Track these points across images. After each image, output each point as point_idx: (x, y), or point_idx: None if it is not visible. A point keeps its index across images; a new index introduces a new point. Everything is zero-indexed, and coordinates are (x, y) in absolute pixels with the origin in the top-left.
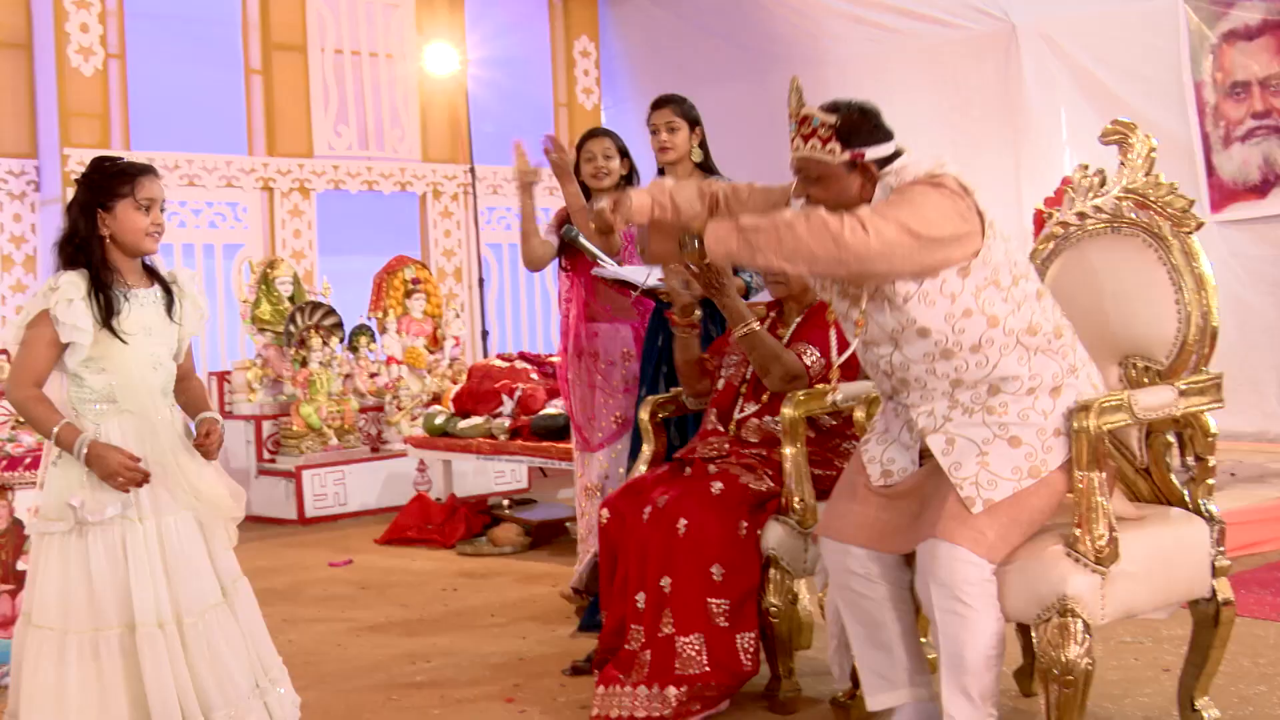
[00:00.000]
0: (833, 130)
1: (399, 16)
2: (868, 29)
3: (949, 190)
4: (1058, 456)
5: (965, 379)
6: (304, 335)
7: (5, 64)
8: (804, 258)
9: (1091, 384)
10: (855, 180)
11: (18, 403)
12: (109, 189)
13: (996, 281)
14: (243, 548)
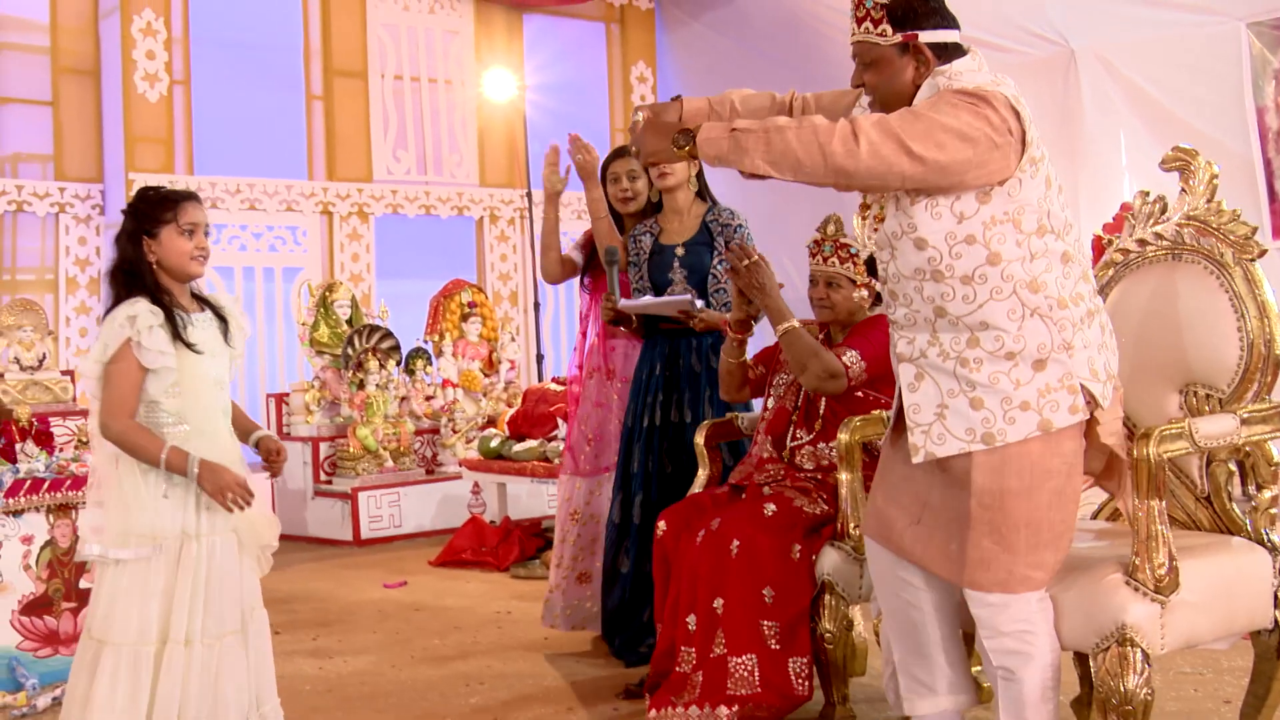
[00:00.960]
0: (884, 10)
1: (458, 43)
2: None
3: (988, 109)
4: (1019, 430)
5: (949, 311)
6: (361, 358)
7: (74, 90)
8: (790, 164)
9: (1091, 369)
10: (909, 65)
11: (118, 435)
12: (153, 216)
13: (1017, 221)
14: (298, 569)
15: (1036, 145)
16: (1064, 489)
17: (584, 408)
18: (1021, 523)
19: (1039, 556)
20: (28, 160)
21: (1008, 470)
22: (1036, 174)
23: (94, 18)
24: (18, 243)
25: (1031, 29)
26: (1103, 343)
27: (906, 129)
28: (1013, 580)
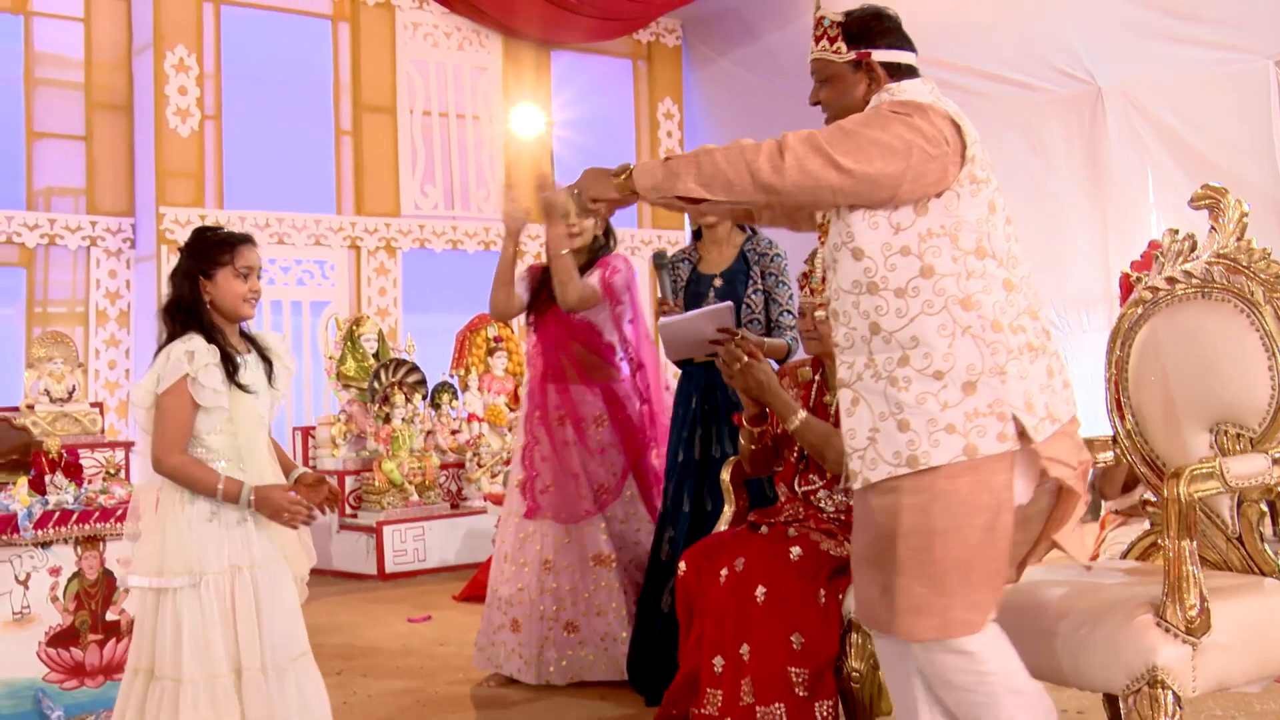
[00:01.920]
0: (840, 28)
1: (486, 79)
2: (950, 91)
3: (920, 119)
4: (944, 453)
5: (883, 326)
6: (387, 392)
7: (106, 125)
8: (721, 184)
9: (1026, 401)
10: (861, 82)
11: (172, 470)
12: (211, 257)
13: (954, 236)
14: (323, 602)
15: (980, 166)
16: (994, 525)
17: (542, 452)
18: (952, 564)
19: (975, 597)
20: (60, 194)
21: (935, 509)
22: (978, 194)
23: (127, 54)
24: (49, 276)
25: (1059, 66)
26: (1048, 384)
27: (834, 143)
28: (951, 625)
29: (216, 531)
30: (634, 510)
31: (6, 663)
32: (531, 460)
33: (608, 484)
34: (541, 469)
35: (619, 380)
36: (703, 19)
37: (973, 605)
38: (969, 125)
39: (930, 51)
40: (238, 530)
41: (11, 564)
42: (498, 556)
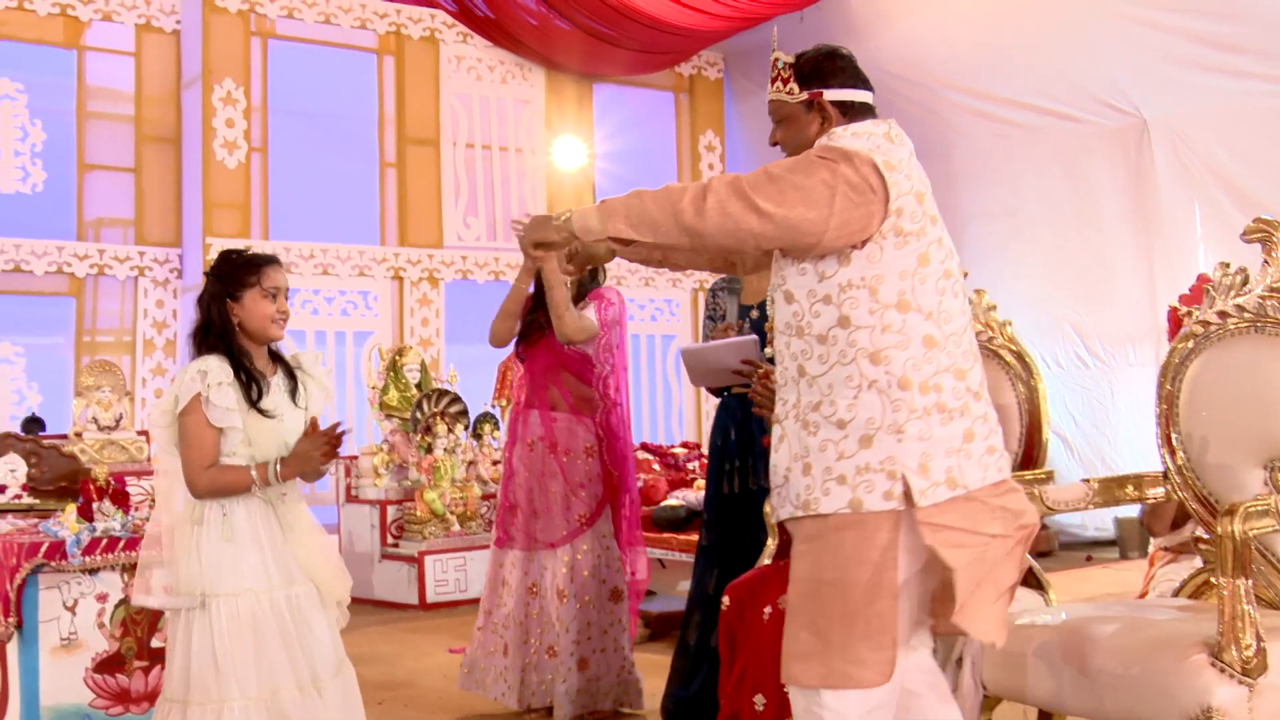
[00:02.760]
0: (792, 69)
1: (529, 112)
2: (995, 124)
3: (846, 166)
4: (831, 503)
5: (808, 370)
6: (430, 422)
7: (155, 157)
8: (648, 226)
9: (921, 464)
10: (814, 122)
11: (207, 488)
12: (237, 279)
13: (874, 289)
14: (364, 632)
15: (911, 219)
16: (878, 582)
17: (522, 479)
18: (837, 615)
19: (856, 652)
20: (110, 225)
21: (823, 560)
22: (904, 246)
23: (176, 87)
24: (98, 305)
25: (1104, 99)
26: (961, 448)
27: (757, 187)
28: (833, 676)
29: (231, 554)
30: (607, 545)
31: (54, 688)
32: (506, 489)
33: (584, 514)
34: (517, 498)
35: (607, 411)
36: (744, 52)
37: (854, 660)
38: (902, 176)
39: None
40: (254, 553)
41: (60, 590)
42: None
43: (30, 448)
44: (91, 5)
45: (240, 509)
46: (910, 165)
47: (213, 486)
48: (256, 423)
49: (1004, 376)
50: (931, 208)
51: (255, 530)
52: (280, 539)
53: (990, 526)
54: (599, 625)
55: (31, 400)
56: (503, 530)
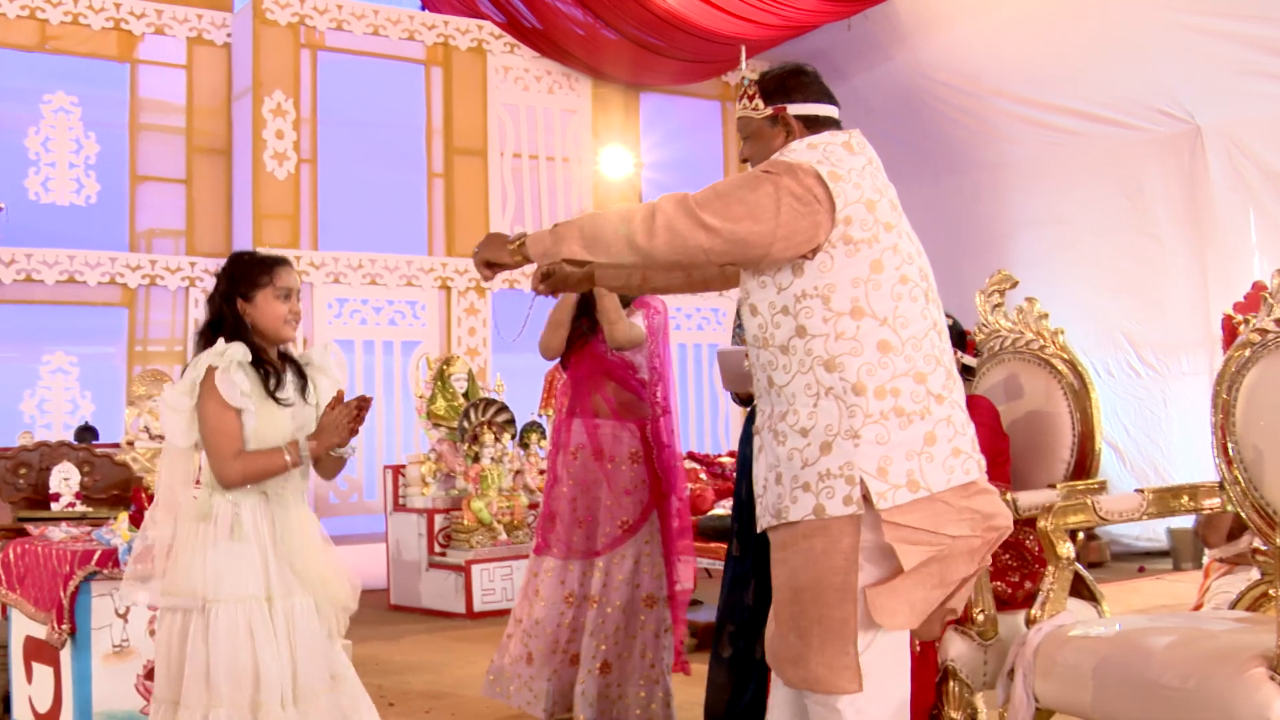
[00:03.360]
0: (757, 86)
1: (576, 122)
2: (1045, 132)
3: (789, 179)
4: (798, 511)
5: (775, 381)
6: (477, 431)
7: (207, 169)
8: (601, 247)
9: (879, 467)
10: (779, 135)
11: (238, 478)
12: (250, 279)
13: (826, 298)
14: (411, 640)
15: (861, 227)
16: (845, 585)
17: (565, 488)
18: (814, 619)
19: (829, 656)
20: (161, 236)
21: (797, 566)
22: (854, 254)
23: (227, 99)
24: (150, 315)
25: (1157, 106)
26: (922, 451)
27: (704, 204)
28: (810, 679)
29: (235, 557)
30: (647, 552)
31: (106, 695)
32: (548, 497)
33: (627, 521)
34: (559, 507)
35: (655, 418)
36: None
37: (828, 664)
38: (852, 185)
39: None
40: (256, 559)
41: (112, 597)
42: (520, 590)
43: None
44: (144, 19)
45: (247, 507)
46: (863, 174)
47: (245, 473)
48: (270, 413)
49: (1055, 386)
50: (885, 215)
51: (260, 535)
52: (296, 543)
53: (954, 528)
54: (625, 630)
55: (85, 410)
56: (541, 538)
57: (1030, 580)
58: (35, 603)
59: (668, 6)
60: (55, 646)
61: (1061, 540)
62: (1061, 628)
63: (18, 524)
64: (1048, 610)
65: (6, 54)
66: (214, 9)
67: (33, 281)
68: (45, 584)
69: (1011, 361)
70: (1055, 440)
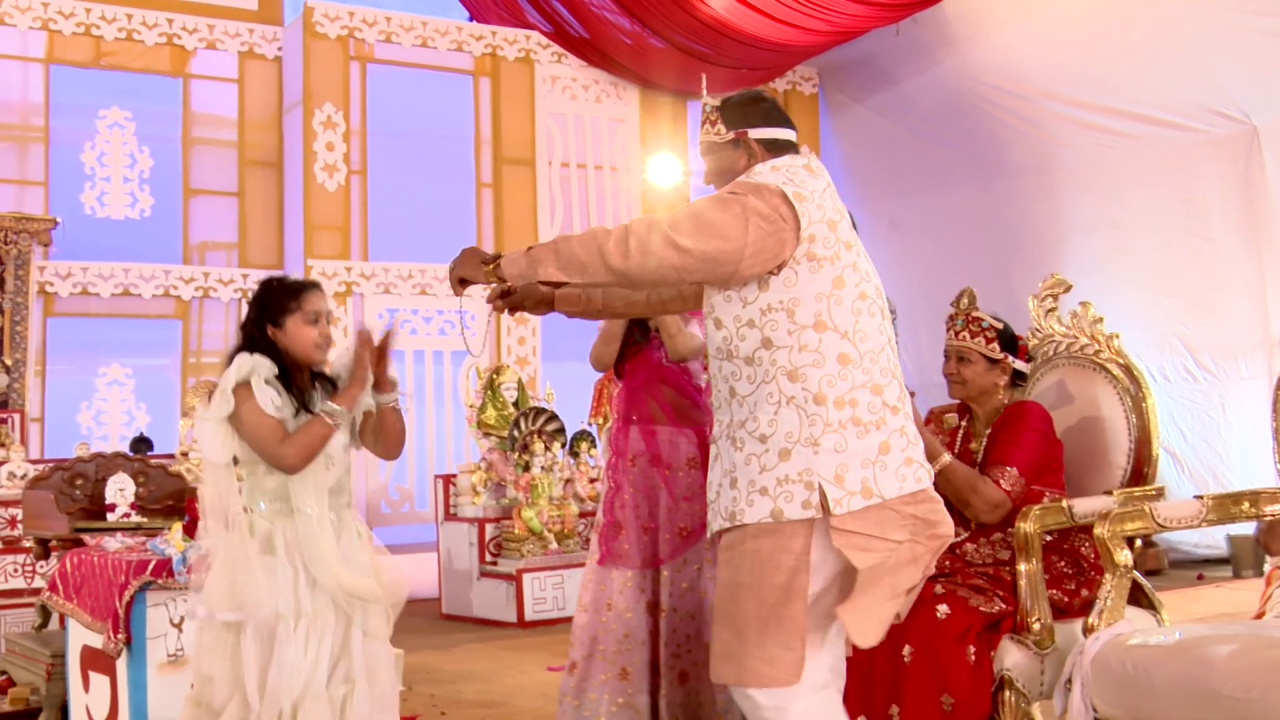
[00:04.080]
0: (719, 112)
1: (624, 130)
2: (1098, 134)
3: (755, 199)
4: (755, 513)
5: (738, 391)
6: (527, 440)
7: (258, 181)
8: (576, 268)
9: (837, 474)
10: (741, 159)
11: (296, 458)
12: (280, 305)
13: (791, 311)
14: (463, 649)
15: (824, 245)
16: (791, 585)
17: (628, 495)
18: (752, 616)
19: (768, 651)
20: (214, 248)
21: (740, 564)
22: (818, 270)
23: (278, 112)
24: (203, 327)
25: (1213, 107)
26: (877, 460)
27: (675, 225)
28: (745, 673)
29: (267, 571)
30: (709, 558)
31: (161, 704)
32: (610, 506)
33: (689, 528)
34: (620, 515)
35: (707, 423)
36: (839, 66)
37: (767, 659)
38: (815, 205)
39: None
40: (289, 576)
41: (166, 607)
42: (578, 605)
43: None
44: (196, 34)
45: (279, 527)
46: (824, 196)
47: (302, 451)
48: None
49: (1111, 391)
50: (846, 234)
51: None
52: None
53: (898, 533)
54: (697, 638)
55: (140, 420)
56: (606, 548)
57: (1086, 588)
58: (91, 612)
59: (715, 14)
60: (111, 656)
61: (1119, 547)
62: (1120, 636)
63: (74, 534)
64: (1105, 619)
65: (63, 71)
66: (265, 23)
67: (89, 295)
68: (101, 594)
69: (1065, 366)
70: (1111, 446)
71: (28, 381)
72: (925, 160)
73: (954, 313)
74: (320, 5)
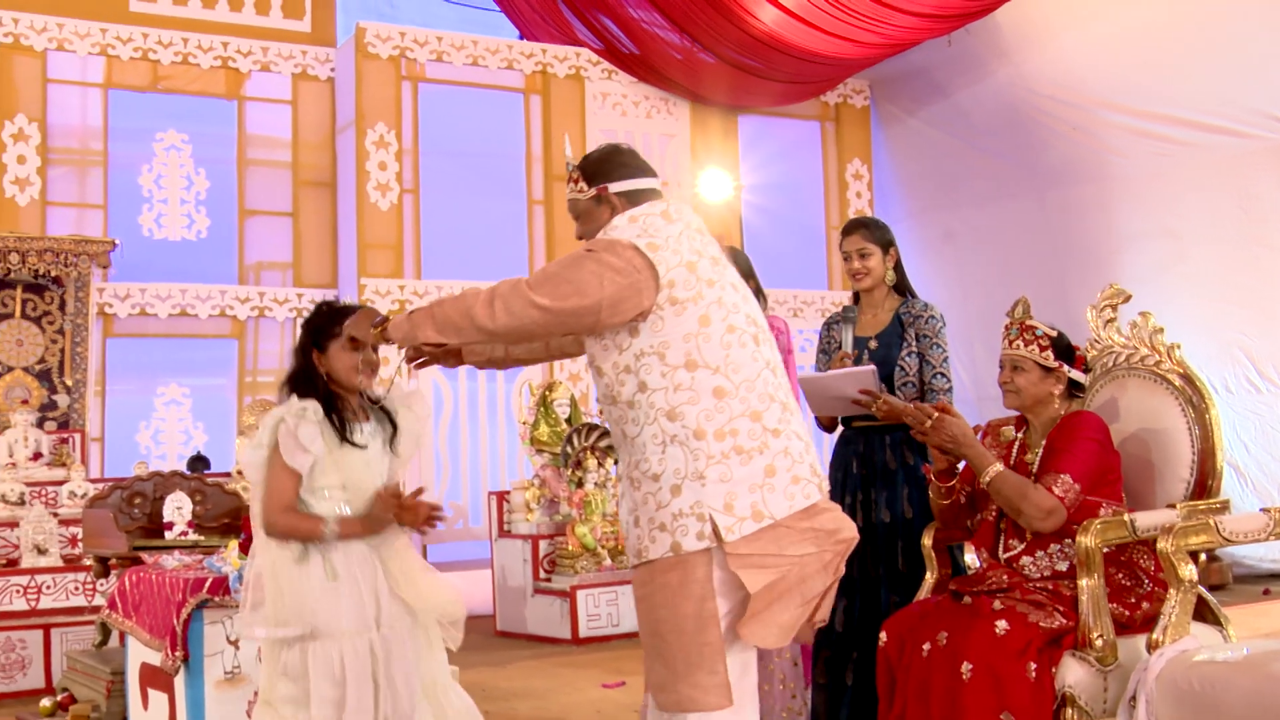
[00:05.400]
0: (580, 170)
1: (675, 145)
2: (1155, 142)
3: (609, 255)
4: (657, 549)
5: (627, 433)
6: (580, 456)
7: (312, 201)
8: (452, 329)
9: (726, 503)
10: (605, 212)
11: (284, 530)
12: (324, 330)
13: (662, 354)
14: (518, 666)
15: (684, 287)
16: (701, 613)
17: None
18: (676, 648)
19: (695, 678)
20: (269, 268)
21: (655, 600)
22: (682, 313)
23: (331, 133)
24: (259, 346)
25: (1271, 113)
26: (763, 483)
27: (535, 285)
28: (682, 700)
29: (333, 594)
30: None
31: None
32: None
33: None
34: None
35: None
36: (891, 79)
37: (695, 685)
38: (671, 251)
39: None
40: (354, 593)
41: (223, 625)
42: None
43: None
44: (251, 56)
45: (339, 551)
46: (680, 240)
47: (288, 529)
48: (348, 456)
49: (1172, 402)
50: (707, 273)
51: (353, 571)
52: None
53: (798, 549)
54: (762, 659)
55: (197, 439)
56: None
57: (1147, 601)
58: (150, 630)
59: (766, 28)
60: (169, 673)
61: (1183, 562)
62: (1186, 653)
63: (133, 553)
64: (1170, 635)
65: (121, 95)
66: (318, 45)
67: (146, 315)
68: (159, 611)
69: (1125, 378)
70: (1173, 458)
71: (88, 402)
72: (979, 172)
73: (1009, 322)
74: (372, 26)
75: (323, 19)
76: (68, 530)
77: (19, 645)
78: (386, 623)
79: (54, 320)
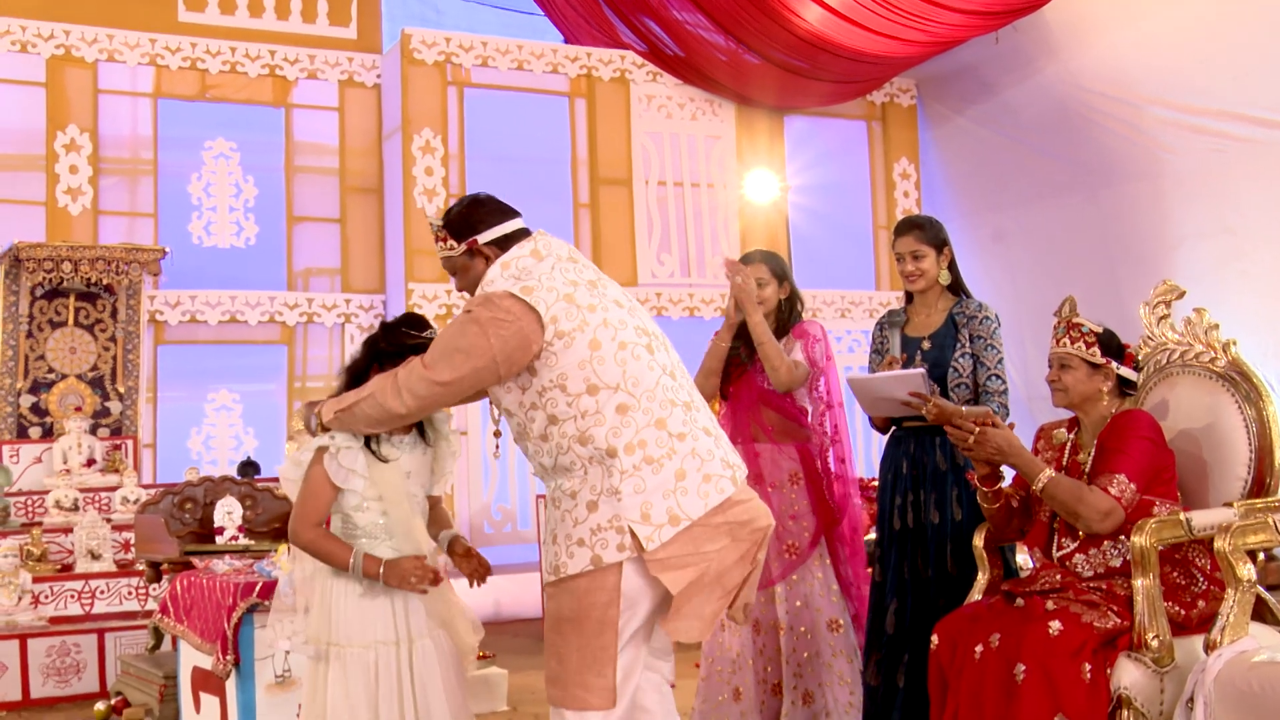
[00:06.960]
0: (446, 229)
1: (720, 147)
2: (1209, 138)
3: (486, 312)
4: (576, 564)
5: (543, 463)
6: None
7: (359, 208)
8: (375, 421)
9: (643, 513)
10: (480, 263)
11: (307, 544)
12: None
13: (563, 386)
14: None
15: (567, 319)
16: (604, 618)
17: None
18: (573, 647)
19: (584, 678)
20: (318, 274)
21: (562, 600)
22: (571, 344)
23: (378, 138)
24: (308, 352)
25: None
26: (676, 487)
27: (431, 364)
28: (568, 698)
29: (362, 607)
30: (819, 575)
31: None
32: None
33: (797, 545)
34: None
35: (811, 440)
36: (938, 77)
37: (583, 684)
38: (546, 289)
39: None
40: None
41: (274, 629)
42: None
43: (245, 491)
44: (298, 64)
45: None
46: (553, 274)
47: (312, 546)
48: (381, 472)
49: (1229, 399)
50: (586, 299)
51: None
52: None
53: (714, 544)
54: (819, 657)
55: (248, 445)
56: None
57: (1203, 600)
58: (201, 634)
59: (811, 29)
60: (220, 677)
61: (1241, 561)
62: (1244, 654)
63: (185, 557)
64: (1229, 635)
65: (170, 104)
66: (364, 51)
67: (197, 322)
68: (210, 616)
69: (1180, 375)
70: (1230, 456)
71: (139, 408)
72: (1028, 170)
73: (1056, 321)
74: (418, 32)
75: (368, 26)
76: (121, 536)
77: (74, 650)
78: (419, 636)
79: (106, 328)
